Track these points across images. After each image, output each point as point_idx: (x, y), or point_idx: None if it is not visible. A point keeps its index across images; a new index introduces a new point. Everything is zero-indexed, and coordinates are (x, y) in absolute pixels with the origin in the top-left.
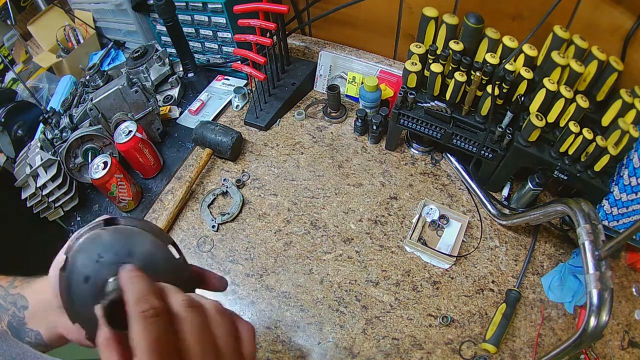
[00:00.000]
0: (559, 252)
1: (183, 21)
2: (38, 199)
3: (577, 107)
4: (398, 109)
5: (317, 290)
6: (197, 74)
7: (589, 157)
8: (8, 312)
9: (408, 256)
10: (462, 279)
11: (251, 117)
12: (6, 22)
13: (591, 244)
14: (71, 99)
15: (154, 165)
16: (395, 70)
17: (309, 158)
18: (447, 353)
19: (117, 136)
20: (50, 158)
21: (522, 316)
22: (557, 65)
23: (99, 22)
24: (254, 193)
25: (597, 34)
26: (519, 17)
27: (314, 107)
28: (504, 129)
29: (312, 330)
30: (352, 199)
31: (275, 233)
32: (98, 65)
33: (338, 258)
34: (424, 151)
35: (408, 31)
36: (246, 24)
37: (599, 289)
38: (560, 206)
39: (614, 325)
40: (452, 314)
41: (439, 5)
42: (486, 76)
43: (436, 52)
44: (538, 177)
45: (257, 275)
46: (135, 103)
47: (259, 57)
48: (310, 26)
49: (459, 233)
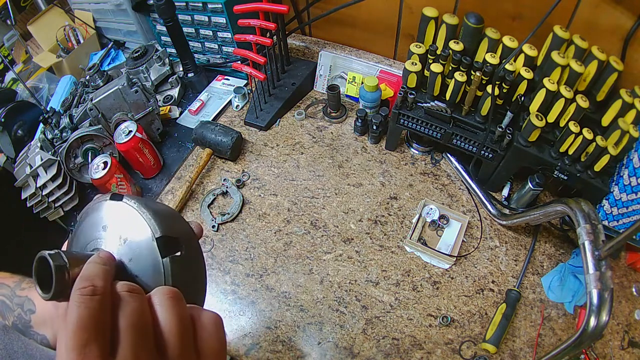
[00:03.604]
0: (559, 252)
1: (183, 21)
2: (38, 199)
3: (577, 107)
4: (398, 109)
5: (317, 290)
6: (197, 74)
7: (589, 157)
8: (14, 312)
9: (408, 256)
10: (462, 279)
11: (251, 117)
12: (6, 22)
13: (591, 244)
14: (71, 99)
15: (154, 165)
16: (395, 70)
17: (309, 158)
18: (447, 353)
19: (117, 136)
20: (50, 158)
21: (522, 316)
22: (557, 65)
23: (99, 22)
24: (254, 193)
25: (597, 34)
26: (519, 17)
27: (314, 107)
28: (504, 129)
29: (312, 330)
30: (352, 199)
31: (275, 233)
32: (98, 65)
33: (338, 258)
34: (424, 151)
35: (408, 31)
36: (246, 24)
37: (599, 289)
38: (560, 206)
39: (614, 325)
40: (452, 314)
41: (439, 5)
42: (486, 76)
43: (436, 52)
44: (538, 177)
45: (257, 275)
46: (135, 103)
47: (259, 57)
48: (310, 26)
49: (459, 233)
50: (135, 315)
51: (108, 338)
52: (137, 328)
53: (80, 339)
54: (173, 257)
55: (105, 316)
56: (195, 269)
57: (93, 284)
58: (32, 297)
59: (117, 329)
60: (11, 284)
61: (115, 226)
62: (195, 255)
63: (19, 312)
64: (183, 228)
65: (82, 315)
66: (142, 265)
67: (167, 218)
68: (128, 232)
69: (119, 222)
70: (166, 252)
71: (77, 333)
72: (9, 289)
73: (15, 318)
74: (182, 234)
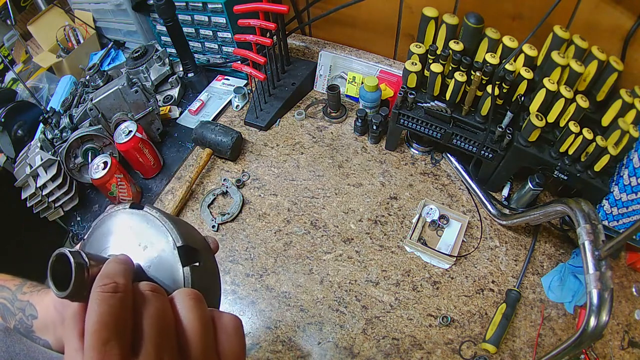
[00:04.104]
0: (559, 252)
1: (183, 21)
2: (38, 199)
3: (577, 107)
4: (398, 109)
5: (317, 290)
6: (197, 74)
7: (589, 157)
8: (15, 316)
9: (408, 256)
10: (462, 279)
11: (251, 117)
12: (6, 22)
13: (591, 244)
14: (71, 99)
15: (154, 165)
16: (395, 70)
17: (309, 158)
18: (447, 353)
19: (117, 136)
20: (50, 158)
21: (522, 316)
22: (557, 65)
23: (99, 22)
24: (254, 193)
25: (597, 34)
26: (519, 17)
27: (314, 107)
28: (504, 129)
29: (312, 330)
30: (352, 199)
31: (275, 233)
32: (98, 65)
33: (338, 258)
34: (424, 151)
35: (408, 31)
36: (246, 24)
37: (599, 289)
38: (560, 206)
39: (614, 325)
40: (452, 314)
41: (439, 5)
42: (486, 76)
43: (436, 52)
44: (538, 177)
45: (257, 275)
46: (135, 103)
47: (259, 57)
48: (310, 26)
49: (459, 233)
50: (158, 314)
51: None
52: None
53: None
54: (193, 267)
55: (127, 315)
56: (212, 281)
57: (115, 281)
58: (33, 302)
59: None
60: (12, 287)
61: (134, 233)
62: (212, 267)
63: (20, 317)
64: (201, 241)
65: (104, 312)
66: (162, 272)
67: (187, 230)
68: (148, 239)
69: (139, 230)
70: (187, 262)
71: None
72: (10, 292)
73: (17, 322)
74: (201, 246)
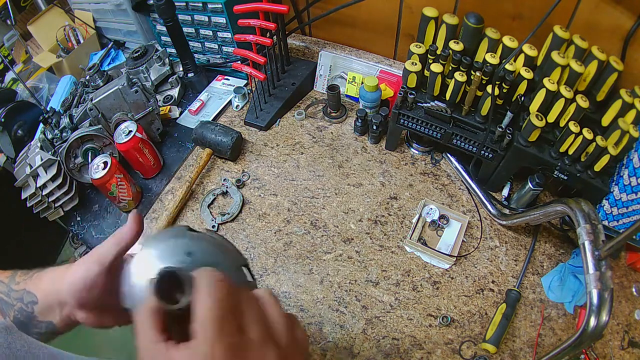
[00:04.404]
0: (559, 252)
1: (183, 21)
2: (38, 199)
3: (577, 107)
4: (398, 109)
5: (317, 290)
6: (197, 74)
7: (589, 157)
8: (14, 307)
9: (408, 256)
10: (462, 279)
11: (251, 117)
12: (6, 22)
13: (591, 244)
14: (71, 99)
15: (154, 165)
16: (395, 70)
17: (309, 158)
18: (447, 353)
19: (117, 136)
20: (50, 158)
21: (522, 316)
22: (557, 65)
23: (99, 22)
24: (254, 193)
25: (597, 34)
26: (519, 17)
27: (314, 107)
28: (504, 129)
29: (312, 331)
30: (352, 199)
31: (275, 233)
32: (98, 65)
33: (338, 258)
34: (424, 151)
35: (408, 31)
36: (246, 24)
37: (599, 289)
38: (560, 206)
39: (614, 325)
40: (452, 314)
41: (439, 5)
42: (486, 76)
43: (436, 52)
44: (538, 177)
45: (257, 275)
46: (135, 103)
47: (259, 57)
48: (310, 26)
49: (459, 233)
50: (259, 313)
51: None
52: (263, 318)
53: (218, 312)
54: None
55: (236, 308)
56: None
57: (218, 278)
58: (30, 289)
59: (242, 319)
60: (5, 279)
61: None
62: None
63: (20, 306)
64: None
65: (217, 295)
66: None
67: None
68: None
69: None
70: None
71: (214, 308)
72: (4, 285)
73: (17, 312)
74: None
